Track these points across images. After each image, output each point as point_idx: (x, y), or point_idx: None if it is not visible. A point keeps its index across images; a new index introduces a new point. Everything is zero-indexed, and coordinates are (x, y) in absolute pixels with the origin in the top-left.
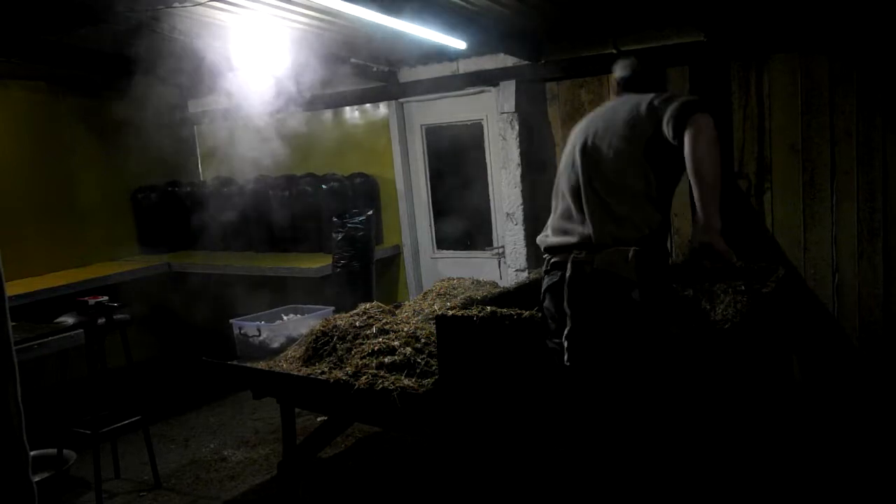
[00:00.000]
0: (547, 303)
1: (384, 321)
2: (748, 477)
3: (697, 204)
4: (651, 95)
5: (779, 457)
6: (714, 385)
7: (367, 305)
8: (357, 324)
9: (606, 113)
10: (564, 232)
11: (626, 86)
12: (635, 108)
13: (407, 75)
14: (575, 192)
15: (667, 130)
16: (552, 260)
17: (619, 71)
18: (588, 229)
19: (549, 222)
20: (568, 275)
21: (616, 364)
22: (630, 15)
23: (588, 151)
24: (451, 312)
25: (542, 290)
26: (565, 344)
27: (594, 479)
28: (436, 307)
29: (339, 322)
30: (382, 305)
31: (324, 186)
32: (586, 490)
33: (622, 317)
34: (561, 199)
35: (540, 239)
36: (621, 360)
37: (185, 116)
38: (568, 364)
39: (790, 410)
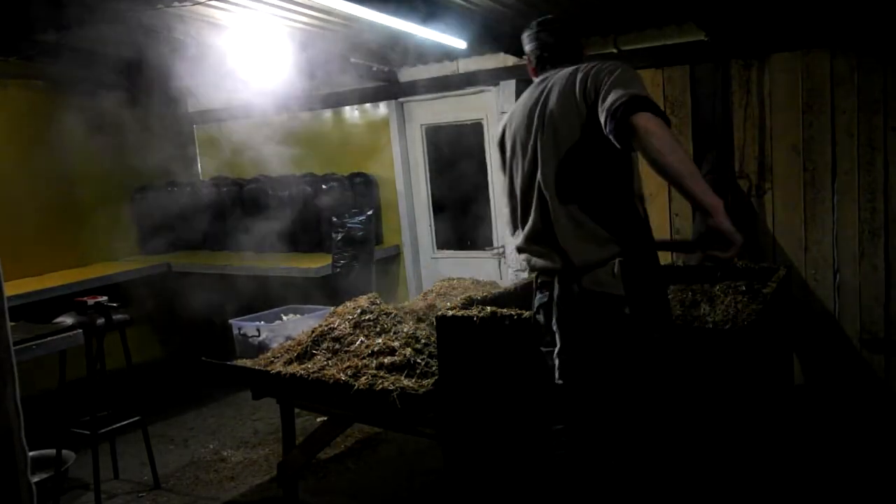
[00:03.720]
0: (539, 316)
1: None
2: (748, 477)
3: (689, 197)
4: (574, 71)
5: (779, 457)
6: (720, 385)
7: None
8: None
9: (538, 106)
10: (545, 256)
11: (542, 63)
12: (567, 95)
13: (407, 75)
14: (540, 209)
15: (609, 134)
16: (539, 279)
17: (529, 45)
18: (567, 254)
19: (523, 237)
20: (556, 294)
21: (609, 381)
22: (630, 14)
23: (535, 156)
24: (451, 312)
25: (534, 306)
26: (556, 362)
27: (593, 479)
28: (436, 307)
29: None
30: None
31: (324, 186)
32: (586, 490)
33: (613, 333)
34: (521, 214)
35: (523, 257)
36: (615, 376)
37: (184, 116)
38: (559, 382)
39: (791, 411)
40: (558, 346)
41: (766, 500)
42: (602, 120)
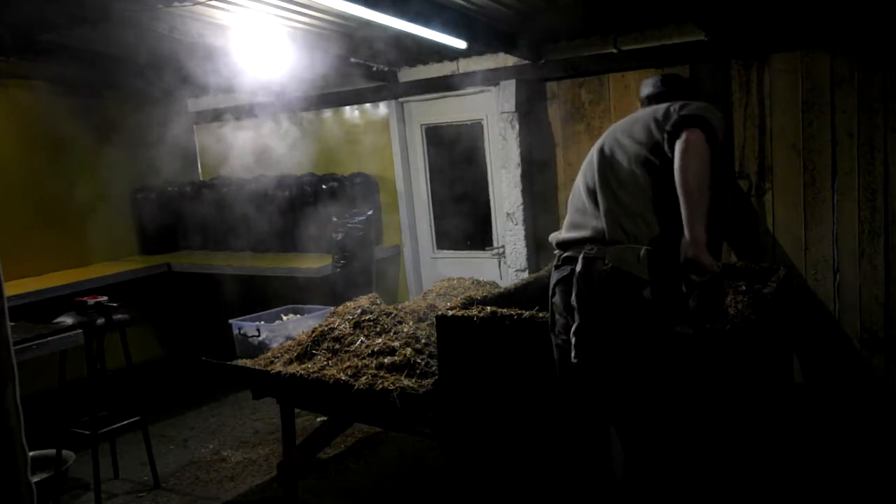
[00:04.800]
0: (556, 298)
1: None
2: (748, 477)
3: (683, 217)
4: (671, 103)
5: (779, 457)
6: (720, 385)
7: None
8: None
9: (628, 120)
10: (577, 227)
11: (649, 101)
12: (653, 114)
13: (407, 75)
14: (591, 191)
15: (665, 143)
16: (563, 255)
17: (644, 89)
18: (601, 223)
19: (567, 217)
20: (578, 269)
21: (623, 362)
22: (630, 14)
23: (605, 154)
24: (451, 312)
25: (551, 284)
26: (573, 340)
27: (593, 478)
28: (436, 307)
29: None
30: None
31: (324, 186)
32: (586, 490)
33: (632, 314)
34: (576, 198)
35: (552, 236)
36: (629, 357)
37: (184, 116)
38: (575, 361)
39: (790, 410)
40: (576, 323)
41: (765, 499)
42: (666, 136)
